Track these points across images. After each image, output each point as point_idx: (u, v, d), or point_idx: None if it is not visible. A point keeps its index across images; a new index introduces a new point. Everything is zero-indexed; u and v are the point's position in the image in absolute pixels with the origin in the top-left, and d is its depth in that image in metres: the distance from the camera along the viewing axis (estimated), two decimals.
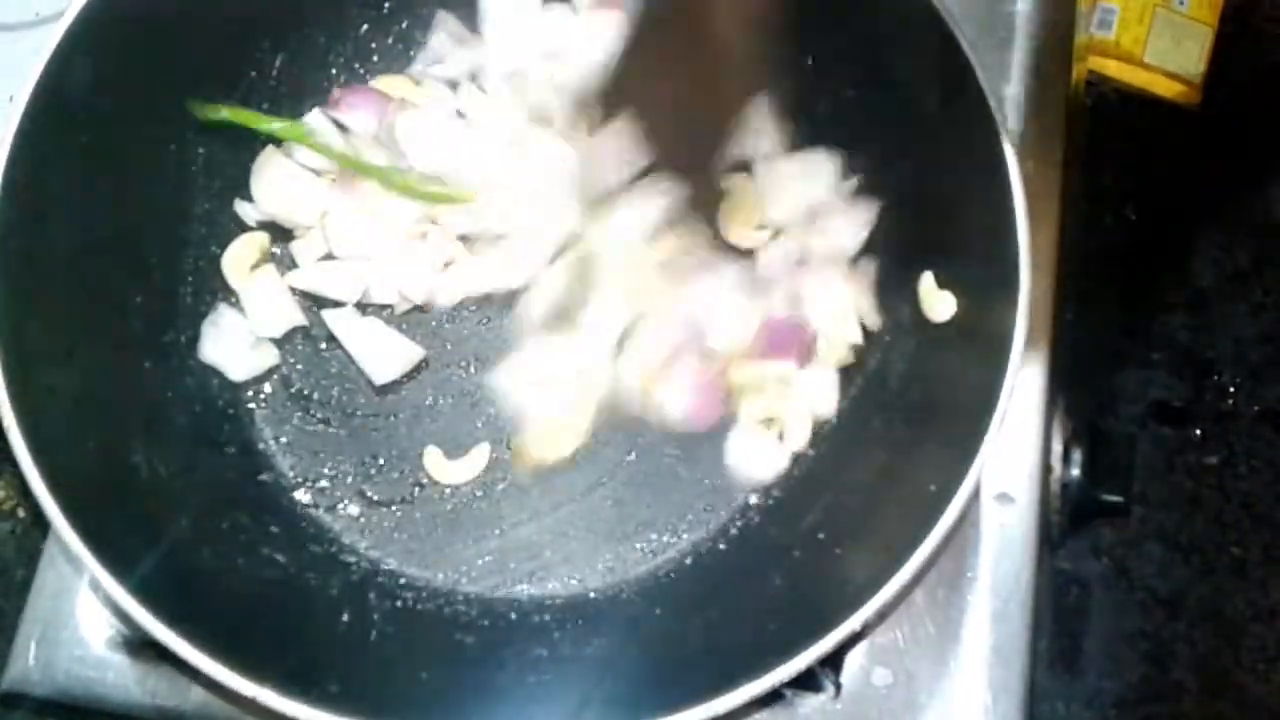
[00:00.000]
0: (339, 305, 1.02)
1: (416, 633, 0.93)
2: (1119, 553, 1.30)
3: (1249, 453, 1.33)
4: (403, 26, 1.08)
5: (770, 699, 0.83)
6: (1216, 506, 1.31)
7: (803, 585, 0.88)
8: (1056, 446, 0.96)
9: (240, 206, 1.03)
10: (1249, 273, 1.38)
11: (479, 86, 1.05)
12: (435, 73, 1.06)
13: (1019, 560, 0.92)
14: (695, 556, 0.96)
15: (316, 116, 1.04)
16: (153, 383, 0.96)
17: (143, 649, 0.92)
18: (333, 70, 1.07)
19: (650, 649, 0.90)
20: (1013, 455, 0.94)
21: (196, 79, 0.98)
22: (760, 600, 0.90)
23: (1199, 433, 1.33)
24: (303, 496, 0.98)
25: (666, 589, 0.95)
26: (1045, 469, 0.94)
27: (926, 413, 0.90)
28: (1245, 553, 1.30)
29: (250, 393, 1.01)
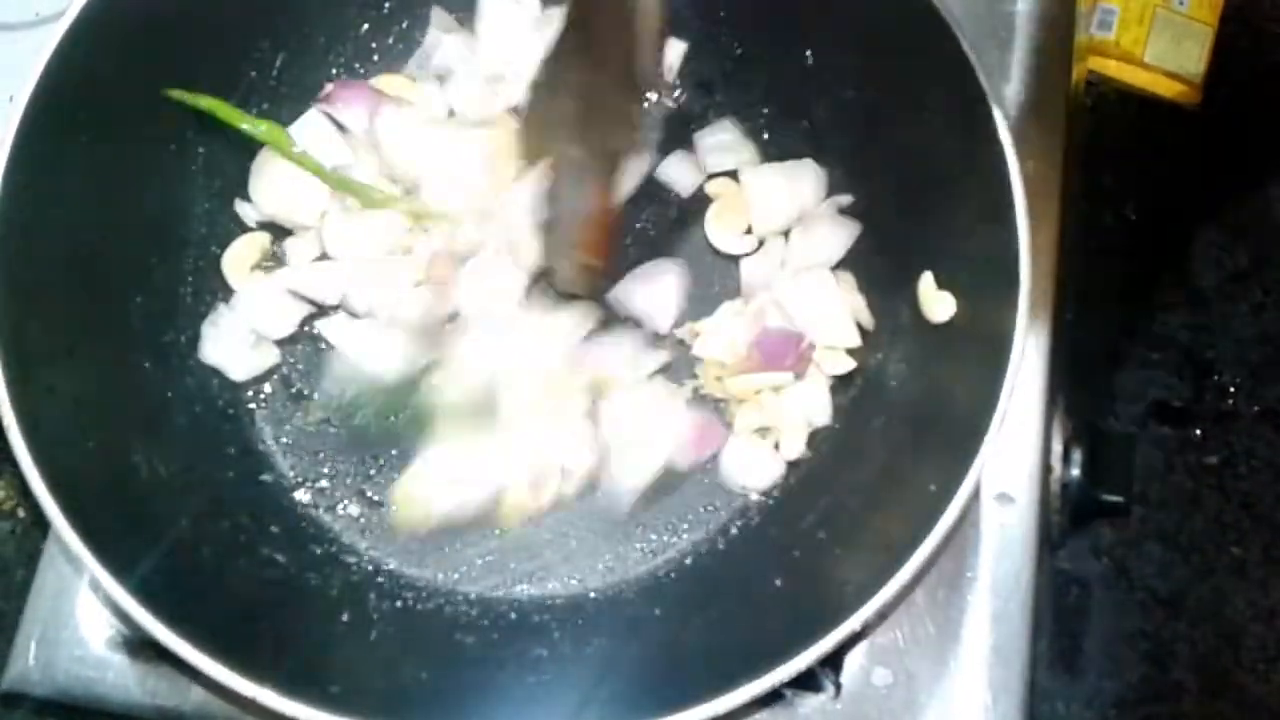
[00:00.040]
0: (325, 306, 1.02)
1: (416, 633, 0.93)
2: (1119, 553, 1.30)
3: (1249, 453, 1.33)
4: (403, 26, 1.08)
5: (770, 699, 0.83)
6: (1216, 506, 1.31)
7: (803, 585, 0.88)
8: (1056, 446, 0.96)
9: (240, 206, 1.03)
10: (1249, 273, 1.38)
11: (473, 84, 1.05)
12: (429, 69, 1.06)
13: (1019, 560, 0.92)
14: (695, 556, 0.97)
15: (314, 115, 1.04)
16: (153, 383, 0.96)
17: (143, 649, 0.92)
18: (333, 70, 1.07)
19: (650, 649, 0.90)
20: (1013, 455, 0.94)
21: (196, 79, 0.98)
22: (760, 600, 0.90)
23: (1199, 433, 1.34)
24: (303, 496, 0.98)
25: (666, 589, 0.95)
26: (1045, 469, 0.94)
27: (926, 413, 0.90)
28: (1245, 553, 1.30)
29: (250, 393, 1.01)
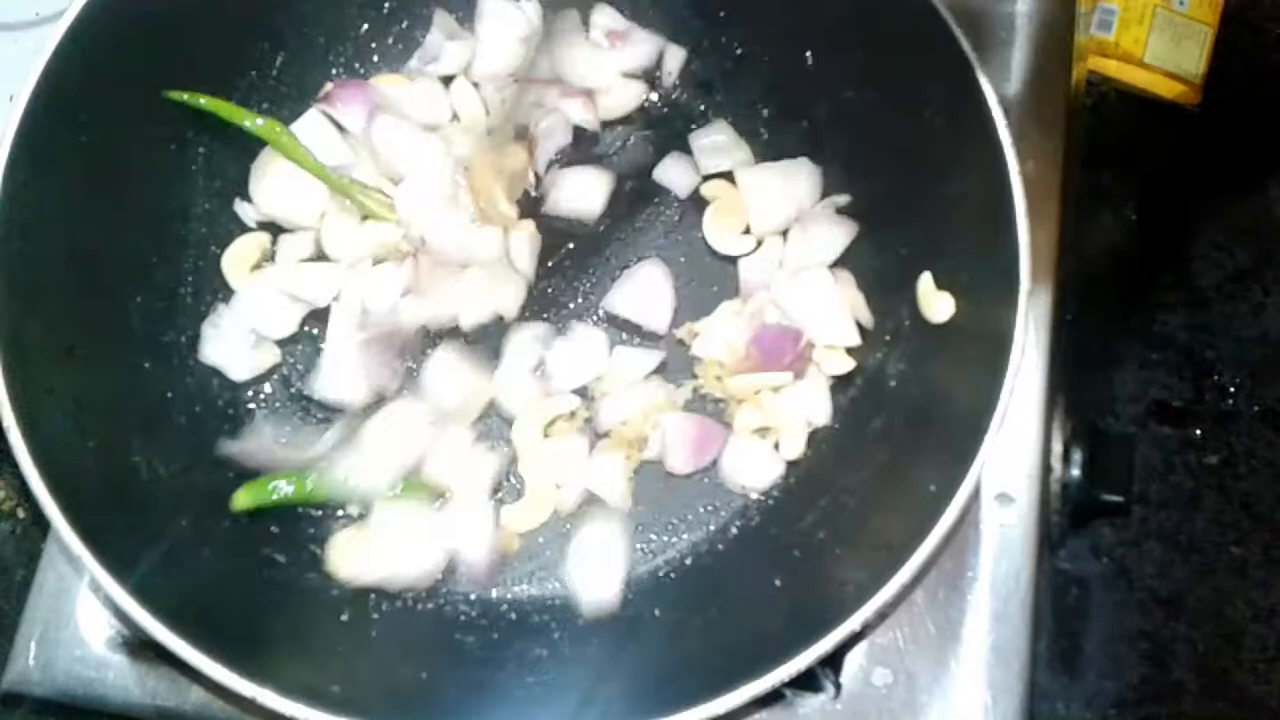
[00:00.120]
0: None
1: (416, 633, 0.93)
2: (1119, 553, 1.30)
3: (1249, 453, 1.33)
4: (403, 26, 1.08)
5: (770, 699, 0.83)
6: (1216, 506, 1.31)
7: (803, 585, 0.88)
8: (1056, 446, 0.96)
9: (240, 206, 1.03)
10: (1249, 273, 1.38)
11: (473, 84, 1.05)
12: (430, 70, 1.06)
13: (1019, 560, 0.92)
14: (695, 556, 0.97)
15: (314, 115, 1.04)
16: (153, 383, 0.96)
17: (143, 649, 0.92)
18: (333, 70, 1.07)
19: (650, 649, 0.90)
20: (1013, 455, 0.94)
21: (196, 79, 0.98)
22: (760, 600, 0.90)
23: (1199, 433, 1.34)
24: None
25: (666, 589, 0.95)
26: (1045, 469, 0.94)
27: (926, 413, 0.90)
28: (1245, 553, 1.30)
29: (250, 393, 1.01)
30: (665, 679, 0.85)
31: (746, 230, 1.02)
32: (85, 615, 0.94)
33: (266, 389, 1.01)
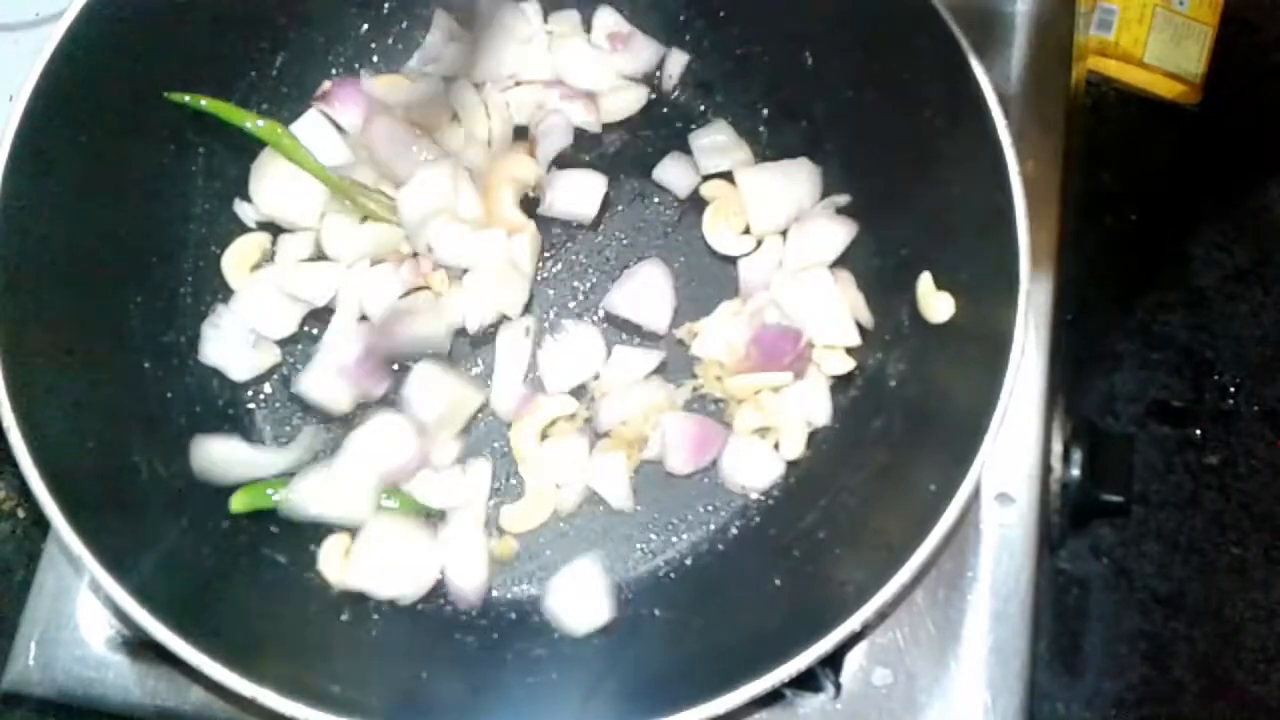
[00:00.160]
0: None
1: (416, 632, 0.93)
2: (1119, 553, 1.30)
3: (1249, 453, 1.33)
4: (402, 26, 1.08)
5: (770, 699, 0.83)
6: (1216, 506, 1.31)
7: (803, 585, 0.88)
8: (1056, 446, 0.96)
9: (240, 207, 1.03)
10: (1249, 273, 1.38)
11: (473, 86, 1.05)
12: (430, 70, 1.06)
13: (1019, 560, 0.92)
14: (695, 556, 0.97)
15: (314, 116, 1.04)
16: (153, 383, 0.96)
17: (143, 649, 0.92)
18: (333, 70, 1.07)
19: (650, 649, 0.90)
20: (1013, 455, 0.94)
21: (196, 79, 0.98)
22: (760, 600, 0.90)
23: (1199, 433, 1.33)
24: None
25: (666, 589, 0.95)
26: (1045, 469, 0.94)
27: (926, 413, 0.90)
28: (1245, 553, 1.30)
29: (250, 393, 1.01)
30: (665, 679, 0.85)
31: (746, 230, 1.02)
32: (85, 615, 0.94)
33: (266, 389, 1.01)
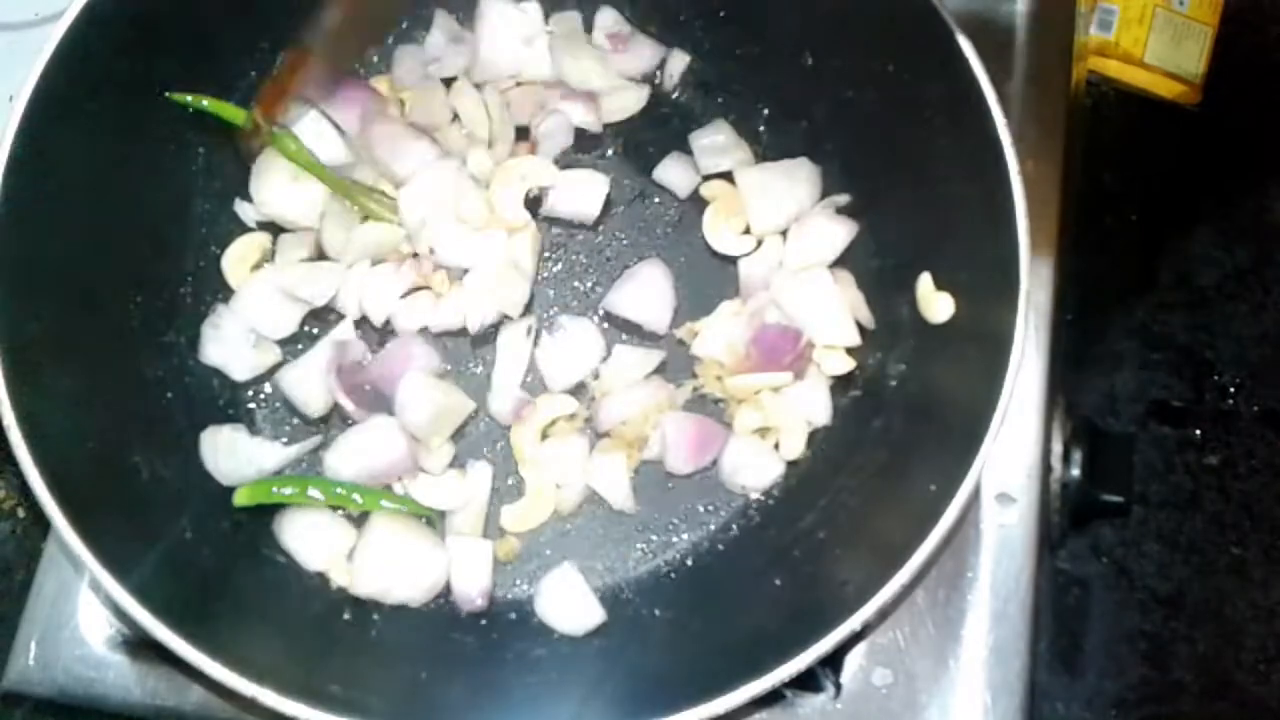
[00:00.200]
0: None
1: (417, 633, 0.93)
2: (1119, 553, 1.30)
3: (1249, 453, 1.33)
4: (402, 27, 1.08)
5: (770, 699, 0.83)
6: (1216, 506, 1.31)
7: (803, 585, 0.88)
8: (1056, 446, 0.96)
9: (240, 206, 1.03)
10: (1249, 273, 1.38)
11: (474, 87, 1.05)
12: (431, 71, 1.06)
13: (1019, 560, 0.92)
14: (695, 556, 0.97)
15: (315, 117, 1.04)
16: (153, 383, 0.96)
17: (143, 649, 0.93)
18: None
19: (650, 649, 0.90)
20: (1013, 455, 0.94)
21: (196, 79, 0.98)
22: (760, 600, 0.90)
23: (1199, 433, 1.33)
24: None
25: (666, 589, 0.95)
26: (1045, 469, 0.94)
27: (926, 413, 0.90)
28: (1245, 553, 1.30)
29: (250, 392, 1.01)
30: (665, 679, 0.85)
31: (746, 230, 1.02)
32: (85, 615, 0.94)
33: (266, 389, 1.01)
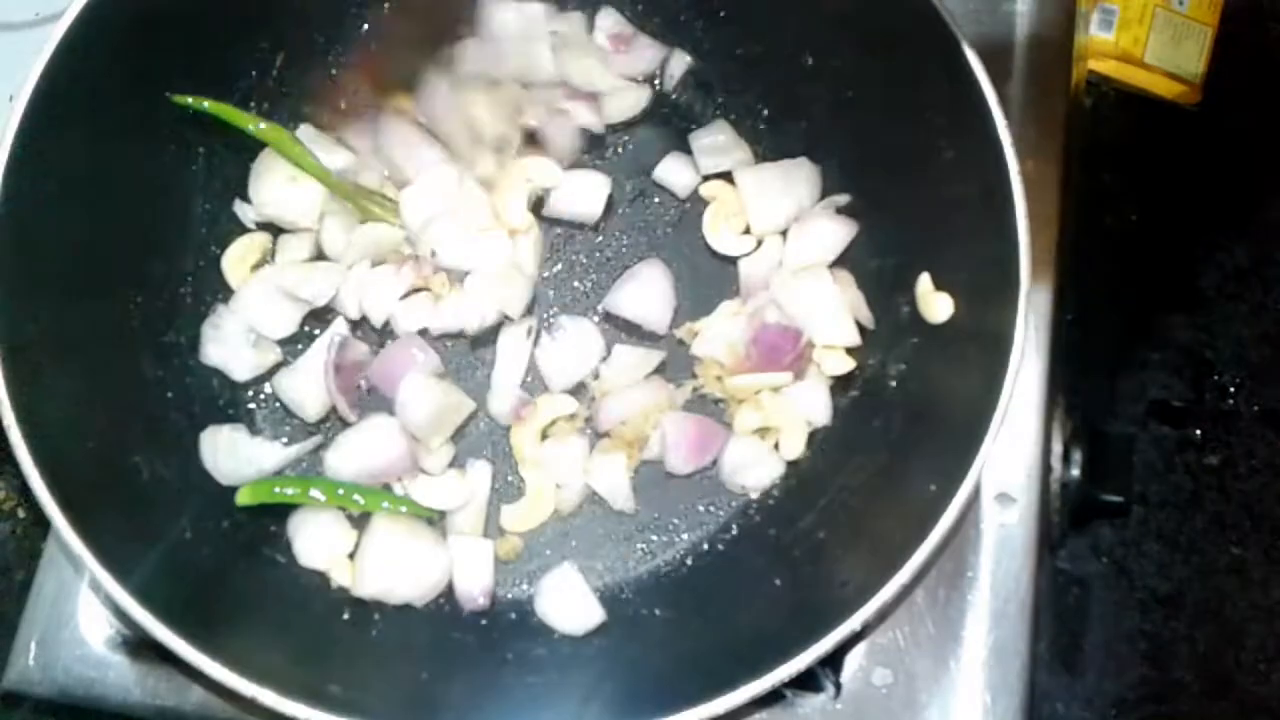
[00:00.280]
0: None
1: (417, 632, 0.93)
2: (1119, 553, 1.30)
3: (1249, 453, 1.33)
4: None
5: (770, 699, 0.83)
6: (1216, 506, 1.31)
7: (803, 585, 0.88)
8: (1056, 446, 0.96)
9: (240, 207, 1.03)
10: (1249, 273, 1.38)
11: (481, 88, 1.05)
12: (439, 74, 1.05)
13: (1019, 560, 0.92)
14: (695, 556, 0.97)
15: (308, 130, 1.04)
16: (153, 383, 0.96)
17: (143, 649, 0.93)
18: (333, 70, 1.07)
19: (650, 649, 0.90)
20: (1013, 455, 0.94)
21: (196, 79, 0.98)
22: (760, 600, 0.90)
23: (1199, 433, 1.33)
24: None
25: (666, 589, 0.95)
26: (1045, 469, 0.94)
27: (926, 413, 0.90)
28: (1245, 553, 1.30)
29: (250, 392, 1.01)
30: (665, 679, 0.85)
31: (746, 230, 1.02)
32: (85, 615, 0.94)
33: (266, 389, 1.01)
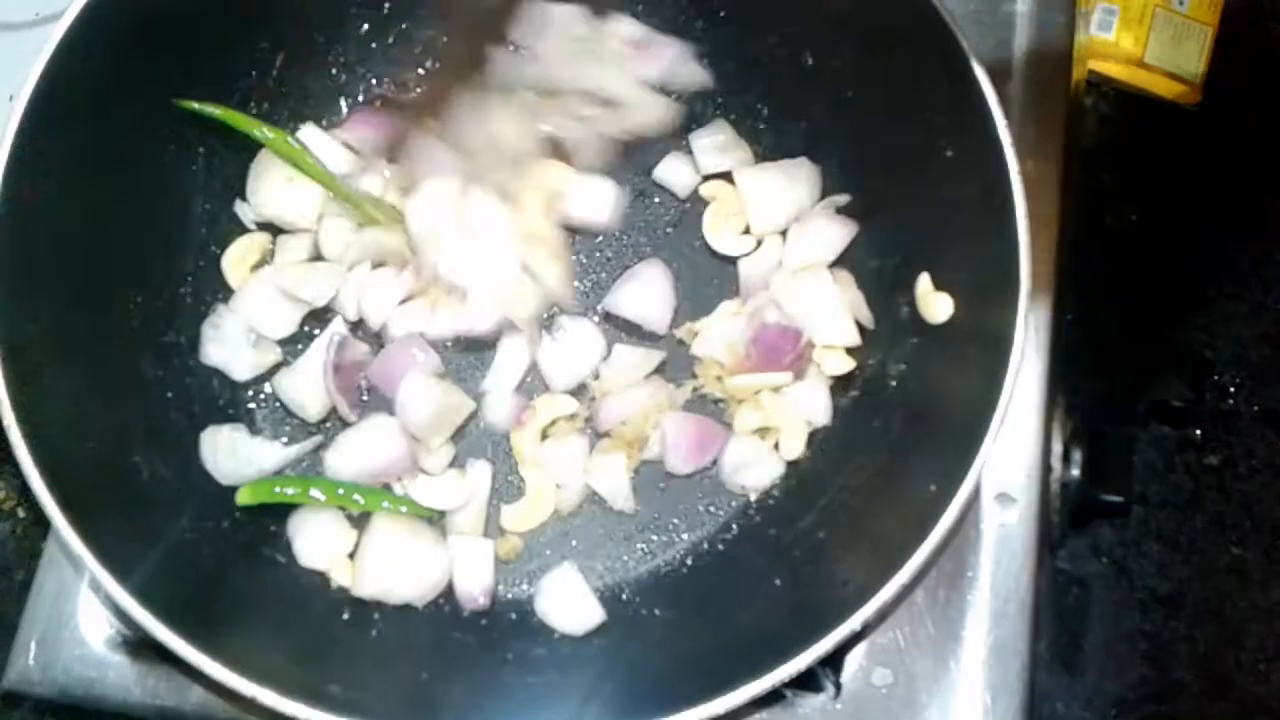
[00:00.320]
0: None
1: (417, 632, 0.93)
2: (1119, 553, 1.30)
3: (1249, 453, 1.33)
4: (403, 27, 1.08)
5: (770, 699, 0.83)
6: (1216, 506, 1.31)
7: (803, 585, 0.88)
8: (1056, 446, 0.96)
9: (240, 207, 1.03)
10: (1249, 273, 1.38)
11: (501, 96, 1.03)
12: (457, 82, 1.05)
13: (1019, 560, 0.92)
14: (695, 556, 0.97)
15: (310, 130, 1.04)
16: (153, 383, 0.96)
17: (143, 649, 0.92)
18: (332, 70, 1.07)
19: (650, 649, 0.90)
20: (1013, 455, 0.94)
21: (196, 79, 0.98)
22: (760, 600, 0.90)
23: (1199, 433, 1.33)
24: None
25: (666, 589, 0.95)
26: (1045, 469, 0.94)
27: (926, 413, 0.90)
28: (1245, 553, 1.30)
29: (250, 392, 1.01)
30: (665, 679, 0.85)
31: (746, 230, 1.02)
32: (85, 615, 0.94)
33: (266, 389, 1.01)
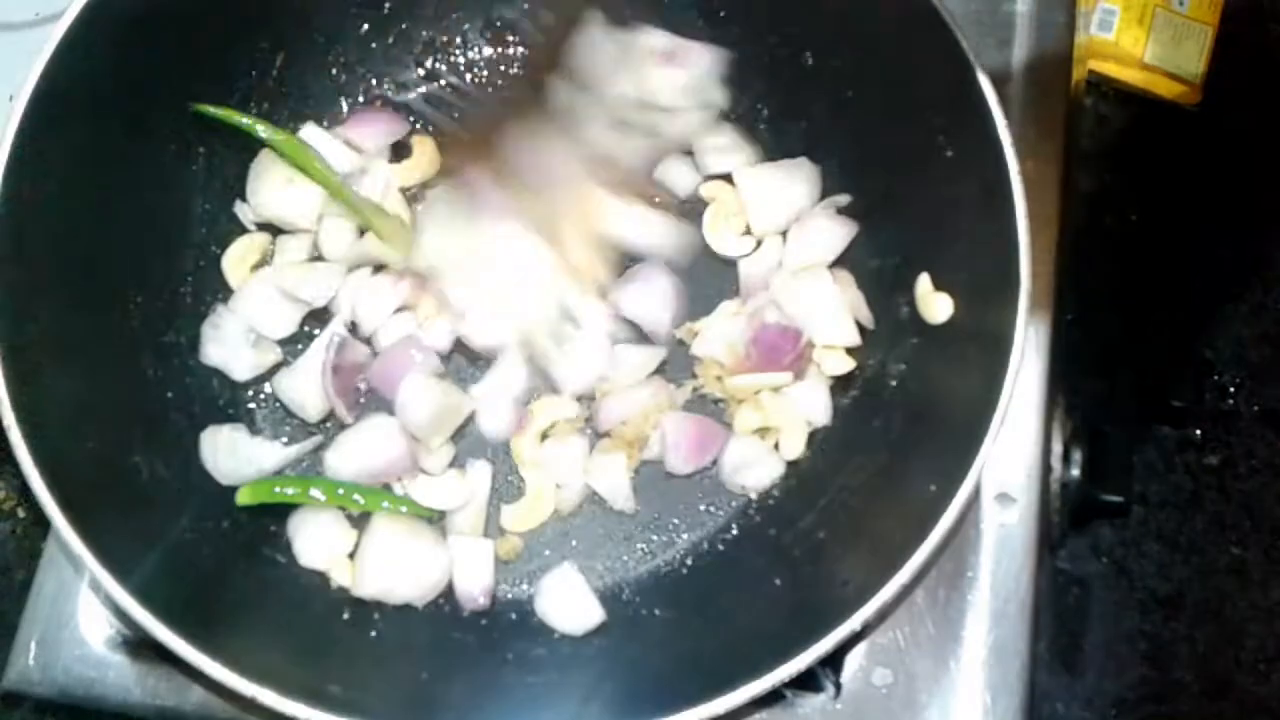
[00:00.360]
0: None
1: (417, 632, 0.93)
2: (1119, 553, 1.30)
3: (1249, 453, 1.33)
4: (403, 27, 1.08)
5: (770, 699, 0.83)
6: (1216, 506, 1.31)
7: (803, 585, 0.88)
8: (1056, 446, 0.96)
9: (240, 207, 1.03)
10: (1249, 273, 1.38)
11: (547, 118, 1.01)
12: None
13: (1019, 560, 0.92)
14: (695, 556, 0.97)
15: (312, 129, 1.04)
16: (153, 383, 0.96)
17: (143, 649, 0.92)
18: (333, 70, 1.07)
19: (650, 649, 0.90)
20: (1013, 455, 0.94)
21: (196, 79, 0.98)
22: (760, 600, 0.90)
23: (1199, 433, 1.33)
24: None
25: (666, 589, 0.95)
26: (1045, 469, 0.94)
27: (926, 413, 0.90)
28: (1245, 553, 1.30)
29: (250, 392, 1.01)
30: (665, 679, 0.85)
31: (746, 230, 1.02)
32: (85, 615, 0.94)
33: (266, 389, 1.01)
